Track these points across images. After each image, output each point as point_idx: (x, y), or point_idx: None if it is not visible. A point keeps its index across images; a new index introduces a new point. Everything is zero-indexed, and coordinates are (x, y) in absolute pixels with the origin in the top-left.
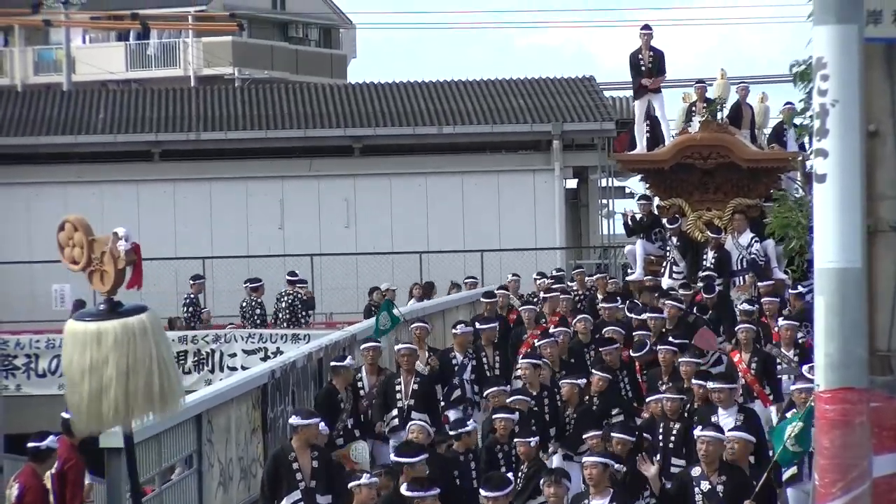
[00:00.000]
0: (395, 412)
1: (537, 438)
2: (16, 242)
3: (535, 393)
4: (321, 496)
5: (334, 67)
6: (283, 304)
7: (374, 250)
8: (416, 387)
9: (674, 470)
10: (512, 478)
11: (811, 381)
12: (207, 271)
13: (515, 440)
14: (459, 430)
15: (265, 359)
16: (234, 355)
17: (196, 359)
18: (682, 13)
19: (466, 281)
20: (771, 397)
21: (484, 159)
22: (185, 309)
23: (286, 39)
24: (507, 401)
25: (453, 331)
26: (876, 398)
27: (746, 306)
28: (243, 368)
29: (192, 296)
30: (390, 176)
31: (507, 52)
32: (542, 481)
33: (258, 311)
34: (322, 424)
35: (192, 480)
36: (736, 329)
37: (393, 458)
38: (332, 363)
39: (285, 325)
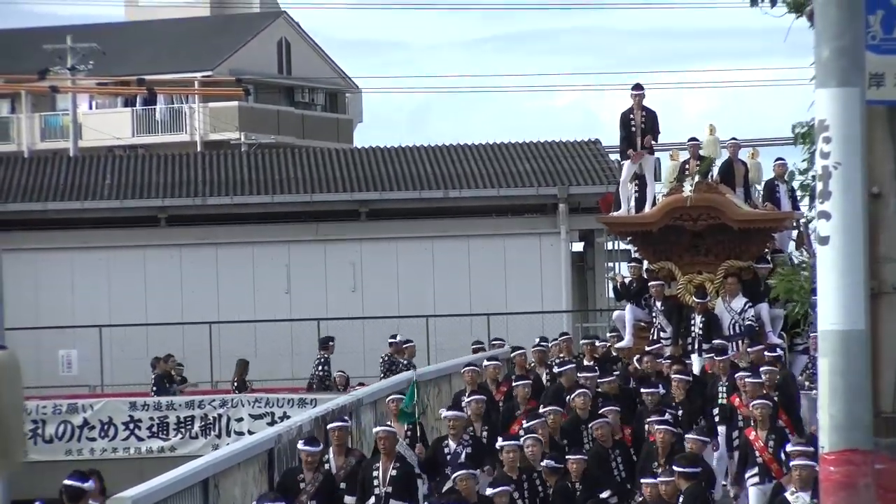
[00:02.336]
0: (372, 500)
1: None
2: (23, 308)
3: (514, 476)
4: None
5: (340, 131)
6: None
7: (380, 314)
8: (394, 472)
9: None
10: None
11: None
12: (214, 336)
13: None
14: None
15: (272, 423)
16: (240, 420)
17: (203, 423)
18: (686, 76)
19: (494, 342)
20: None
21: (490, 223)
22: (320, 368)
23: (292, 104)
24: (490, 492)
25: (444, 415)
26: (881, 460)
27: (753, 379)
28: (250, 433)
29: (324, 356)
30: (396, 240)
31: (514, 115)
32: None
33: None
34: None
35: None
36: (750, 405)
37: None
38: (300, 443)
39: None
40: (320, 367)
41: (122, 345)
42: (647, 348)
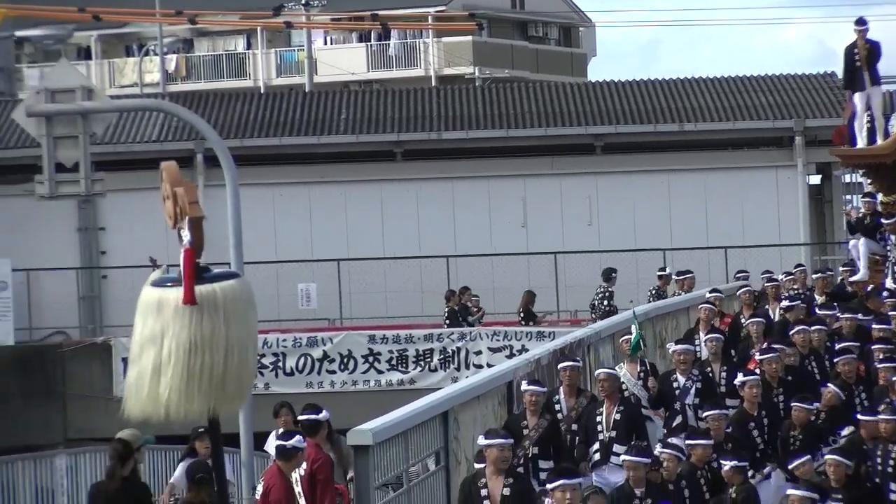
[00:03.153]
0: (596, 445)
1: (736, 462)
2: (262, 242)
3: (754, 414)
4: None
5: (574, 66)
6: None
7: (616, 248)
8: (618, 416)
9: (893, 497)
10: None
11: None
12: (451, 270)
13: (722, 461)
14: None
15: (510, 356)
16: (479, 353)
17: (442, 356)
18: None
19: (738, 276)
20: None
21: (726, 156)
22: (604, 302)
23: (526, 39)
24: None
25: (673, 349)
26: None
27: None
28: (488, 366)
29: (607, 288)
30: (632, 174)
31: (743, 49)
32: None
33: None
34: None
35: (440, 477)
36: None
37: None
38: (524, 384)
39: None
40: (604, 301)
41: (361, 278)
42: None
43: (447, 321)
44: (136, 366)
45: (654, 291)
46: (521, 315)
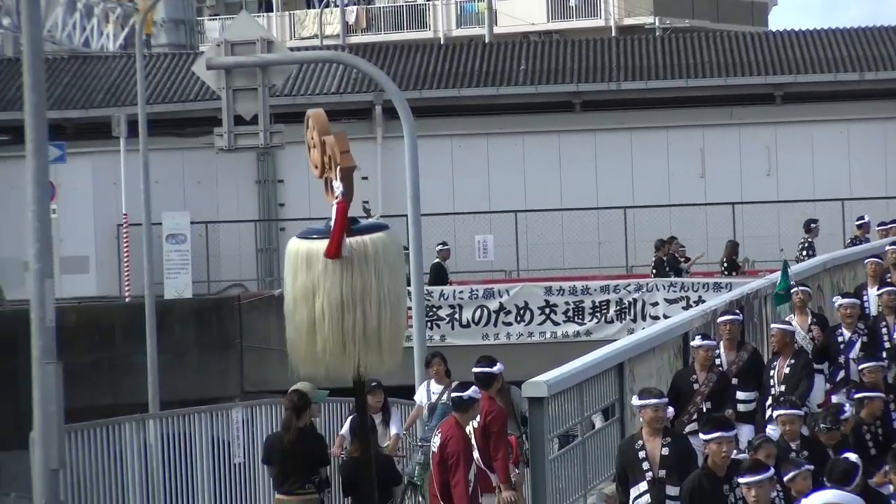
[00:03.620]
0: (769, 400)
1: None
2: (439, 194)
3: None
4: (672, 487)
5: (755, 15)
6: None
7: (794, 198)
8: (787, 370)
9: None
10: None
11: None
12: (629, 221)
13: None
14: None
15: (687, 307)
16: (655, 304)
17: (618, 308)
18: None
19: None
20: None
21: None
22: (805, 253)
23: None
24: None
25: (838, 303)
26: None
27: None
28: (665, 317)
29: (808, 239)
30: (812, 123)
31: None
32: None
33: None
34: (670, 409)
35: (615, 430)
36: None
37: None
38: (697, 339)
39: None
40: (804, 252)
41: (538, 230)
42: None
43: (654, 271)
44: (291, 323)
45: (852, 241)
46: (725, 265)
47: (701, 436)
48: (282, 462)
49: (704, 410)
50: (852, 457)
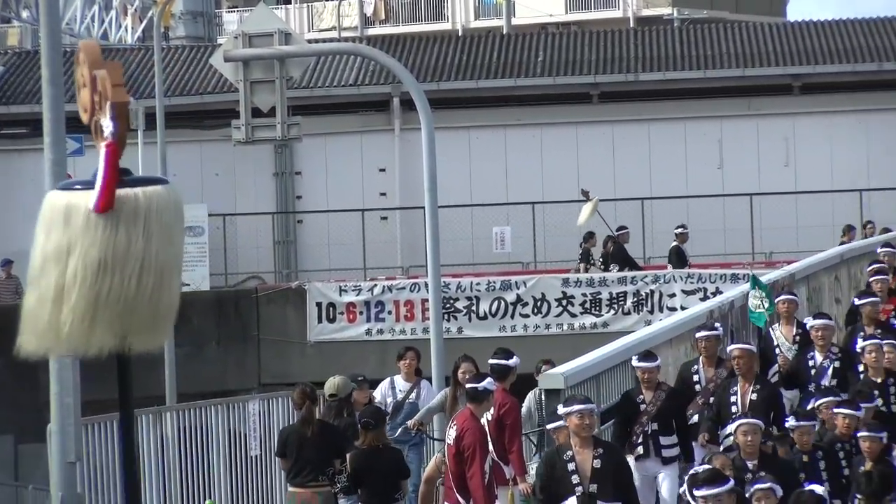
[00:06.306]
0: (729, 427)
1: (884, 435)
2: (457, 185)
3: (878, 380)
4: (605, 503)
5: (773, 5)
6: None
7: (813, 188)
8: (754, 396)
9: None
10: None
11: None
12: (646, 212)
13: (860, 435)
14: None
15: (704, 299)
16: (673, 295)
17: (636, 299)
18: None
19: None
20: None
21: None
22: None
23: None
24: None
25: (810, 324)
26: None
27: None
28: (682, 308)
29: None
30: (830, 114)
31: None
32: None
33: None
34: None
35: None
36: None
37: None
38: (634, 359)
39: None
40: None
41: (555, 221)
42: None
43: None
44: (35, 289)
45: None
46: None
47: (695, 492)
48: (298, 454)
49: (650, 432)
50: (818, 489)
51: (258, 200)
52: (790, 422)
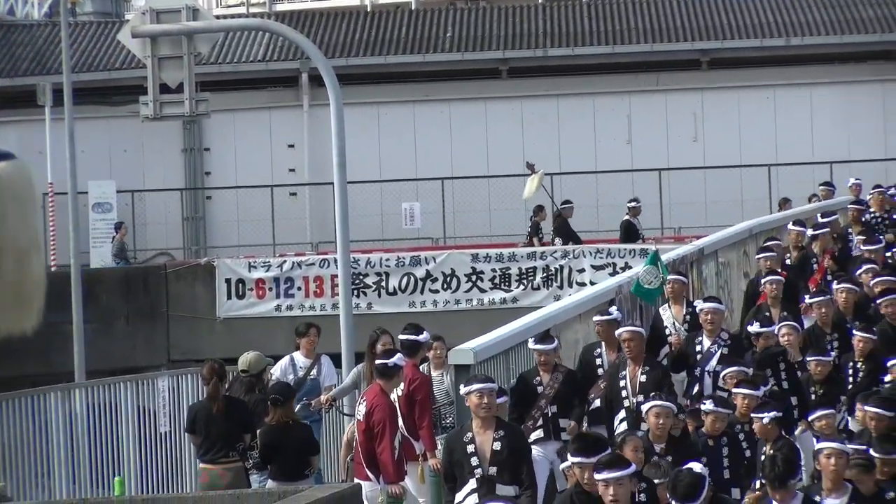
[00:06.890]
0: (622, 413)
1: (774, 414)
2: (366, 161)
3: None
4: (503, 486)
5: None
6: None
7: (721, 164)
8: (643, 378)
9: None
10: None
11: None
12: (556, 187)
13: (754, 415)
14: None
15: (613, 274)
16: (582, 270)
17: (545, 274)
18: None
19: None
20: None
21: (833, 70)
22: None
23: None
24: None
25: (700, 307)
26: None
27: None
28: (591, 284)
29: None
30: (738, 89)
31: None
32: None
33: None
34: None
35: None
36: None
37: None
38: (530, 342)
39: None
40: None
41: (464, 197)
42: None
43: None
44: None
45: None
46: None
47: (570, 458)
48: (206, 430)
49: (550, 415)
50: (697, 467)
51: (167, 177)
52: (707, 405)
